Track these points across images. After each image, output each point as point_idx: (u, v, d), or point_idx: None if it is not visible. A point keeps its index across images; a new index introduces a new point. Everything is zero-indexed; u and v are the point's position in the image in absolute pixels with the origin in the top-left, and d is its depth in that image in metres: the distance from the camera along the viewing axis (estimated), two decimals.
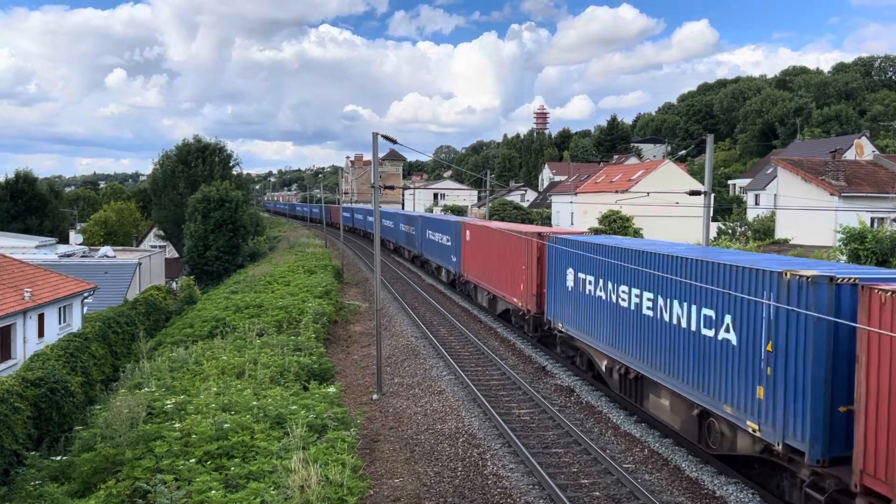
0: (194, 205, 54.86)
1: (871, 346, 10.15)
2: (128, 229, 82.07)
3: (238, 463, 13.13)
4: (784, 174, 48.50)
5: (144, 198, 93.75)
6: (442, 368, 23.06)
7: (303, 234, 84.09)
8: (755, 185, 73.91)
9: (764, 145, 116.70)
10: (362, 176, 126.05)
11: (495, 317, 31.33)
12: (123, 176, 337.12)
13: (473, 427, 17.29)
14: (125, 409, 15.48)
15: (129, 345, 28.80)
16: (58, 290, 30.68)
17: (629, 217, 51.57)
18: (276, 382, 19.24)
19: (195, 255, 54.08)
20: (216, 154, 71.71)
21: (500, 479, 14.25)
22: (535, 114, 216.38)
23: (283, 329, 26.47)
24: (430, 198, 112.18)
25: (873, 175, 45.52)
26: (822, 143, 75.44)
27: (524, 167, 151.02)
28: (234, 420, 15.08)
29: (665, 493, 13.58)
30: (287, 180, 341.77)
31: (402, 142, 22.59)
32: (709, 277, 13.84)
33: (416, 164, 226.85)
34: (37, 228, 67.35)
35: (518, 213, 73.87)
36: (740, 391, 12.90)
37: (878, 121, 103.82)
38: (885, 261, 28.07)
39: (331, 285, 37.85)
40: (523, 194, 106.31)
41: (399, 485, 14.29)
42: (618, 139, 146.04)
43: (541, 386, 21.09)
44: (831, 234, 37.40)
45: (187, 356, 22.41)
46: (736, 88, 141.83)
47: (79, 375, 22.28)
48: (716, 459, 14.57)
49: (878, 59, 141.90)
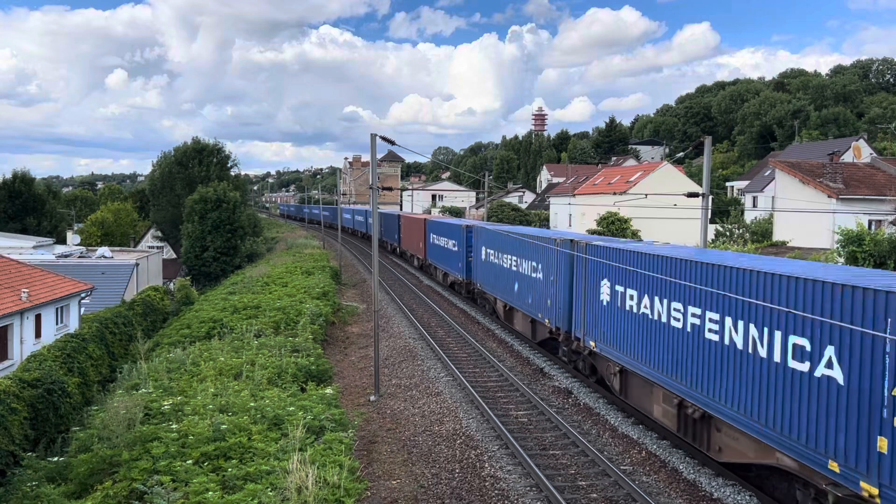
0: (192, 206, 54.82)
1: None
2: (125, 230, 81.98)
3: (235, 464, 13.10)
4: (782, 176, 48.56)
5: (142, 199, 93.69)
6: (440, 370, 23.04)
7: (301, 236, 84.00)
8: (753, 188, 74.00)
9: (762, 147, 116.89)
10: (361, 177, 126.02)
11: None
12: (121, 177, 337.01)
13: (471, 429, 17.27)
14: (122, 411, 15.45)
15: (126, 346, 28.75)
16: (55, 291, 30.61)
17: (627, 219, 51.64)
18: (273, 384, 19.23)
19: (193, 256, 54.03)
20: (214, 155, 71.71)
21: (497, 480, 14.23)
22: (533, 115, 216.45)
23: (280, 330, 26.45)
24: (428, 199, 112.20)
25: (871, 177, 45.61)
26: (819, 146, 75.56)
27: (522, 169, 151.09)
28: (231, 421, 15.05)
29: (662, 494, 13.57)
30: (285, 181, 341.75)
31: (402, 143, 22.65)
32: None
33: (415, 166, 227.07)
34: (34, 229, 67.21)
35: (516, 214, 73.88)
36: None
37: (875, 123, 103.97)
38: (882, 263, 28.10)
39: (328, 286, 37.83)
40: (521, 196, 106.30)
41: (397, 486, 14.28)
42: (616, 141, 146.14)
43: (539, 388, 21.08)
44: (829, 237, 37.47)
45: (185, 357, 22.38)
46: (734, 91, 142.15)
47: (76, 376, 22.22)
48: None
49: (876, 61, 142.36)
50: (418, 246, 49.74)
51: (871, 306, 9.92)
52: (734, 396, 12.94)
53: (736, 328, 12.90)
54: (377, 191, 21.89)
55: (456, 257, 37.04)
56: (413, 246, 52.70)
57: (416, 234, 50.15)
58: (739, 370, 12.80)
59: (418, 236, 49.34)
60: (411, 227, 53.19)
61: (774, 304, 11.84)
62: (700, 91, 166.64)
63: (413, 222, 52.66)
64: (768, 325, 12.03)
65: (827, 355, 10.74)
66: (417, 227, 49.84)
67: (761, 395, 12.16)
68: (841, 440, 10.43)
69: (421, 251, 48.66)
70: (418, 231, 49.31)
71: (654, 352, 15.95)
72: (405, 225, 56.33)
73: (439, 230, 41.63)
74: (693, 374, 14.32)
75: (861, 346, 10.12)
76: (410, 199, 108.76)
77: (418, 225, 49.41)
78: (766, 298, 12.06)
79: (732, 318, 13.00)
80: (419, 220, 49.55)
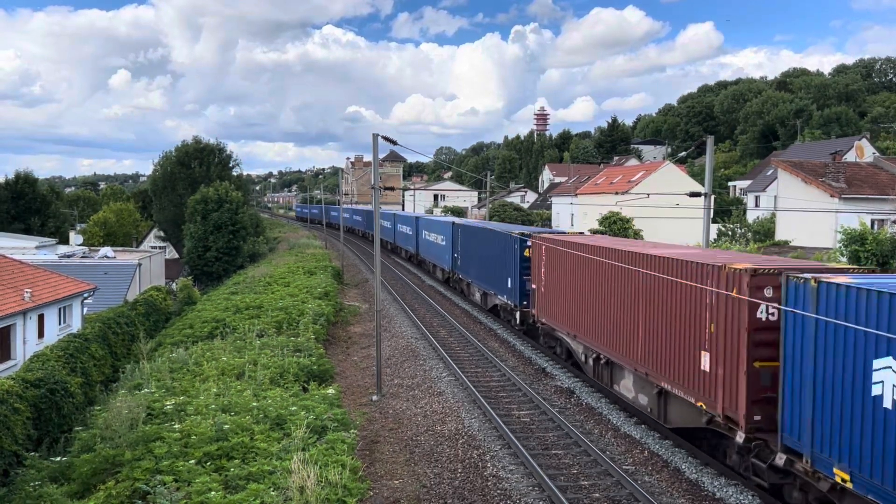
0: (194, 206, 54.86)
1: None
2: (127, 230, 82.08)
3: (238, 464, 13.11)
4: (784, 176, 48.50)
5: (144, 199, 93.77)
6: (442, 370, 23.04)
7: (303, 236, 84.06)
8: (755, 187, 73.93)
9: (764, 147, 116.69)
10: (363, 177, 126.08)
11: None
12: (123, 177, 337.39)
13: (473, 428, 17.27)
14: (125, 410, 15.47)
15: (128, 346, 28.77)
16: (58, 291, 30.66)
17: (629, 218, 51.56)
18: (275, 384, 19.24)
19: (195, 256, 54.07)
20: (215, 155, 71.75)
21: (499, 480, 14.23)
22: (535, 115, 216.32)
23: (282, 330, 26.46)
24: (430, 199, 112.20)
25: (873, 177, 45.54)
26: (822, 145, 75.40)
27: (524, 168, 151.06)
28: (233, 421, 15.06)
29: (665, 494, 13.56)
30: (287, 181, 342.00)
31: (404, 143, 22.67)
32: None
33: (417, 166, 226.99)
34: (37, 229, 67.36)
35: (518, 214, 73.89)
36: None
37: (878, 123, 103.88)
38: (885, 263, 28.07)
39: (330, 286, 37.85)
40: (523, 196, 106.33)
41: (399, 486, 14.28)
42: (618, 141, 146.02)
43: (541, 387, 21.07)
44: (831, 236, 37.41)
45: (187, 357, 22.39)
46: (736, 90, 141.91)
47: (78, 376, 22.24)
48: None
49: (878, 61, 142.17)
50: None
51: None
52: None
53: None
54: (379, 191, 21.92)
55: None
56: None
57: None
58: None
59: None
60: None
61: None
62: (702, 91, 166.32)
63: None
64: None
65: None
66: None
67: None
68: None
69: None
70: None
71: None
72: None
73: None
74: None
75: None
76: (412, 198, 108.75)
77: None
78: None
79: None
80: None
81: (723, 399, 13.17)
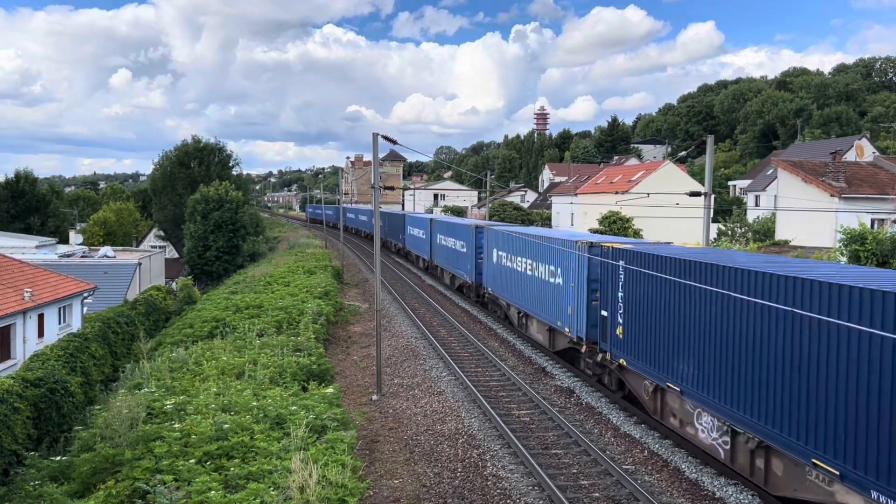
0: (194, 205, 54.87)
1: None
2: (127, 230, 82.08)
3: (238, 463, 13.12)
4: (784, 175, 48.48)
5: (144, 198, 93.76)
6: (442, 369, 23.04)
7: (303, 235, 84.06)
8: (755, 187, 73.89)
9: (764, 146, 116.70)
10: (363, 177, 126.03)
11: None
12: (123, 176, 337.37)
13: (473, 428, 17.28)
14: (125, 410, 15.47)
15: (128, 345, 28.78)
16: (57, 291, 30.66)
17: (629, 218, 51.56)
18: (275, 383, 19.24)
19: (195, 256, 54.08)
20: (214, 154, 71.74)
21: (499, 479, 14.23)
22: (535, 115, 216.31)
23: (282, 330, 26.46)
24: (429, 198, 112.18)
25: (874, 176, 45.52)
26: (822, 145, 75.42)
27: (524, 168, 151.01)
28: (233, 420, 15.07)
29: (665, 494, 13.56)
30: (287, 181, 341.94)
31: (404, 143, 22.65)
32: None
33: (417, 165, 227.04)
34: (37, 229, 67.38)
35: (518, 213, 73.85)
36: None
37: (878, 122, 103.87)
38: (885, 262, 28.05)
39: (330, 286, 37.83)
40: (523, 195, 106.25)
41: (399, 485, 14.28)
42: (618, 140, 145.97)
43: (541, 387, 21.07)
44: (831, 236, 37.40)
45: (187, 357, 22.40)
46: (736, 90, 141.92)
47: (78, 376, 22.25)
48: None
49: (878, 60, 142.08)
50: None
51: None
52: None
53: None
54: (379, 191, 21.91)
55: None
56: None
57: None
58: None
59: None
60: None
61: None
62: (702, 90, 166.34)
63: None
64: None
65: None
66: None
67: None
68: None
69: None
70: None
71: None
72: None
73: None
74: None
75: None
76: (413, 198, 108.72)
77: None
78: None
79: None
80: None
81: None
